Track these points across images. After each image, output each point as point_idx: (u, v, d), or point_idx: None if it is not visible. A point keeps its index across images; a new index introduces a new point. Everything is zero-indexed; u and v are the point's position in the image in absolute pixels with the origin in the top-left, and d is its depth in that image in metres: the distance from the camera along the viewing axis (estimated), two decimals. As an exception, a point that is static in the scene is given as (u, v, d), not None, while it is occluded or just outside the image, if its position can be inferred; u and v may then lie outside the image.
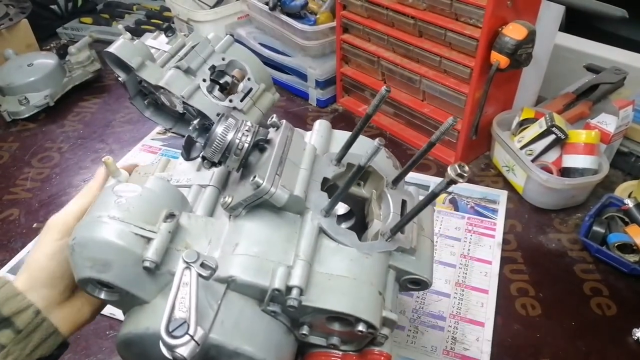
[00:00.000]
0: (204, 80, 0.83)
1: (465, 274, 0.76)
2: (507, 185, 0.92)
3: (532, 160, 0.86)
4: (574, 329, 0.69)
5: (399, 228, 0.48)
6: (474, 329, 0.69)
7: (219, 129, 0.47)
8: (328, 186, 0.51)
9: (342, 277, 0.45)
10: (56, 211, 0.50)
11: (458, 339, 0.68)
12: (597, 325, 0.70)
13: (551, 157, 0.87)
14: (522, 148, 0.87)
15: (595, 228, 0.78)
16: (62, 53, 1.20)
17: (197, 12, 1.23)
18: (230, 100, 0.83)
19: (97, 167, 1.00)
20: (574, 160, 0.84)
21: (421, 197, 0.46)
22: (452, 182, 0.38)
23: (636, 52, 1.03)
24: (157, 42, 0.90)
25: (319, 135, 0.57)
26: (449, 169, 0.37)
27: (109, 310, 0.71)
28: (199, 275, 0.40)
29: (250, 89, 0.85)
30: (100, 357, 0.67)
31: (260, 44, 1.19)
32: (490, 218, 0.85)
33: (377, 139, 0.40)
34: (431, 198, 0.43)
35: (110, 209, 0.45)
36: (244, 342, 0.44)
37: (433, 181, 0.93)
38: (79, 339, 0.69)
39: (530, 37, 0.80)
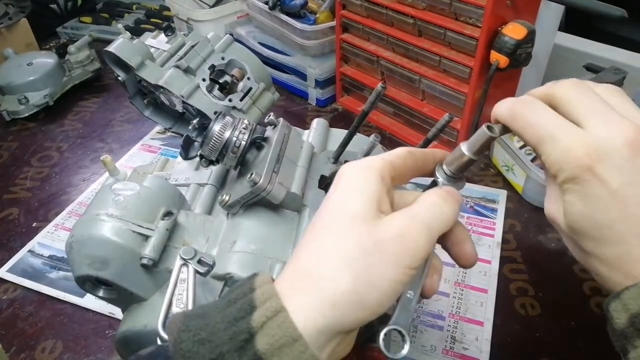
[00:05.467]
0: (204, 80, 0.83)
1: (465, 273, 0.76)
2: (507, 184, 0.92)
3: (532, 160, 0.86)
4: (573, 328, 0.69)
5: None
6: (474, 328, 0.69)
7: (216, 127, 0.47)
8: (325, 184, 0.51)
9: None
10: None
11: (457, 338, 0.68)
12: (597, 324, 0.69)
13: (551, 156, 0.86)
14: (521, 147, 0.87)
15: (595, 227, 0.78)
16: (61, 52, 1.20)
17: (196, 11, 1.23)
18: (230, 100, 0.83)
19: (97, 166, 1.00)
20: (573, 160, 0.84)
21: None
22: (452, 178, 0.38)
23: (636, 52, 1.03)
24: (156, 41, 0.90)
25: (317, 134, 0.57)
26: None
27: (108, 309, 0.71)
28: (196, 271, 0.40)
29: (250, 89, 0.85)
30: (100, 356, 0.67)
31: (259, 43, 1.19)
32: (490, 218, 0.85)
33: (372, 135, 0.40)
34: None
35: (108, 207, 0.45)
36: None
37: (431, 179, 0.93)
38: (79, 338, 0.69)
39: (530, 37, 0.80)
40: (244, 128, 0.48)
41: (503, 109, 0.35)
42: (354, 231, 0.30)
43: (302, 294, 0.29)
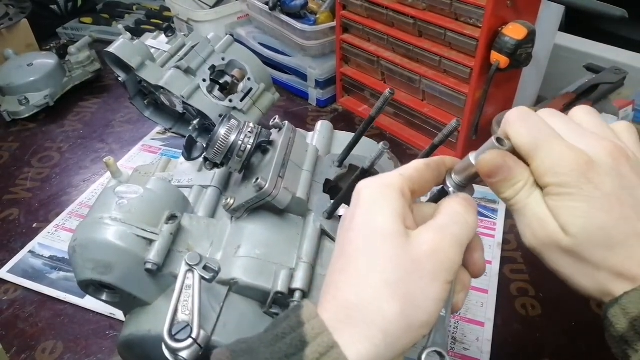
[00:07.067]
0: (204, 80, 0.83)
1: (466, 274, 0.76)
2: (507, 185, 0.92)
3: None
4: (574, 328, 0.69)
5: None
6: (474, 328, 0.69)
7: (221, 131, 0.47)
8: (330, 188, 0.51)
9: (344, 278, 0.45)
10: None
11: (458, 338, 0.68)
12: (597, 324, 0.69)
13: (551, 157, 0.87)
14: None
15: (595, 228, 0.78)
16: (62, 53, 1.20)
17: (197, 12, 1.23)
18: (230, 100, 0.83)
19: (97, 166, 1.00)
20: (574, 160, 0.84)
21: (424, 199, 0.46)
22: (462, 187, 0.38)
23: (636, 52, 1.03)
24: (157, 42, 0.90)
25: (321, 137, 0.57)
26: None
27: (109, 310, 0.71)
28: (202, 278, 0.40)
29: (250, 89, 0.85)
30: (100, 357, 0.67)
31: (260, 43, 1.19)
32: (491, 218, 0.85)
33: (381, 143, 0.40)
34: (434, 201, 0.43)
35: (111, 211, 0.45)
36: (246, 344, 0.44)
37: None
38: (79, 339, 0.69)
39: (530, 37, 0.80)
40: (249, 132, 0.47)
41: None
42: (389, 251, 0.30)
43: (350, 326, 0.29)
